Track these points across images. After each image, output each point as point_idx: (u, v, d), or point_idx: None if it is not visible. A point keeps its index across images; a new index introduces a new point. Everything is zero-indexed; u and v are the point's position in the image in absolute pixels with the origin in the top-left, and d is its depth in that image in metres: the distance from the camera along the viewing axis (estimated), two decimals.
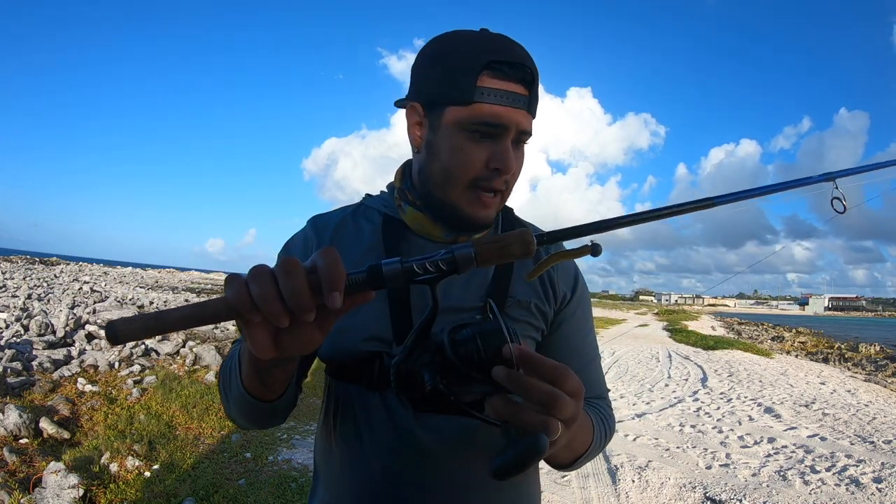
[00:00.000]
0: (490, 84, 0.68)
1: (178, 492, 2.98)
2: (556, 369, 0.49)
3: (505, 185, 0.73)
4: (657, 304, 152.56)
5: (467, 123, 0.69)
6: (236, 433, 4.00)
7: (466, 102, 0.68)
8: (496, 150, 0.70)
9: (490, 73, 0.68)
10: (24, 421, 3.49)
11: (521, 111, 0.70)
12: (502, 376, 0.48)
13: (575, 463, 0.73)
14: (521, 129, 0.71)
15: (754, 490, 3.54)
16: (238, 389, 0.64)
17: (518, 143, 0.73)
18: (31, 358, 5.24)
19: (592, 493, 3.44)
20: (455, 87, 0.69)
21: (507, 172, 0.71)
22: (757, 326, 31.30)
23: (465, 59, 0.68)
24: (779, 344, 18.17)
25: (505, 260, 0.51)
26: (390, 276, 0.50)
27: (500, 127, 0.69)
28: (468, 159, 0.70)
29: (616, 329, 20.96)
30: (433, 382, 0.49)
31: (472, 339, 0.50)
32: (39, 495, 2.71)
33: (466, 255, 0.50)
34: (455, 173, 0.71)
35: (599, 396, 0.84)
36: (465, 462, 0.72)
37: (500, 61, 0.68)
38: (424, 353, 0.52)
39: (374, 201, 0.83)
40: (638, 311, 54.09)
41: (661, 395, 6.88)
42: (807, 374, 9.48)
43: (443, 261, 0.50)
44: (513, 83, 0.69)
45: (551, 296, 0.80)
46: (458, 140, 0.70)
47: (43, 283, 16.89)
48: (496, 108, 0.68)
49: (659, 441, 4.62)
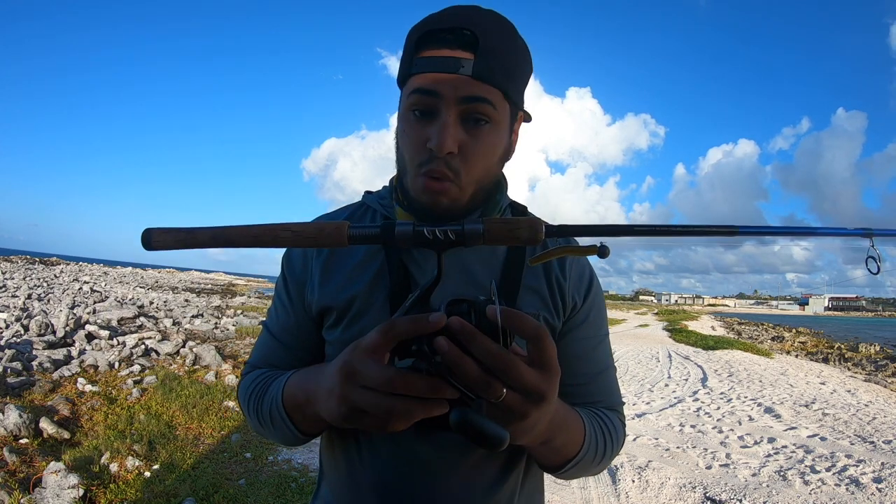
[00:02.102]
0: (424, 54, 0.62)
1: (178, 492, 2.98)
2: (538, 330, 0.47)
3: (451, 170, 0.63)
4: (657, 304, 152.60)
5: (406, 101, 0.64)
6: (236, 433, 4.00)
7: (406, 79, 0.64)
8: (432, 128, 0.62)
9: (427, 44, 0.62)
10: (24, 421, 3.49)
11: (457, 76, 0.61)
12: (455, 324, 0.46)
13: (564, 468, 0.69)
14: (460, 96, 0.61)
15: (754, 490, 3.54)
16: (291, 432, 0.68)
17: (474, 122, 0.63)
18: (31, 358, 5.24)
19: (592, 493, 3.44)
20: (401, 68, 0.66)
21: (439, 152, 0.61)
22: (757, 326, 31.31)
23: (409, 39, 0.65)
24: (779, 344, 18.18)
25: (512, 242, 0.53)
26: (401, 235, 0.54)
27: (432, 94, 0.61)
28: (409, 140, 0.65)
29: (616, 329, 20.95)
30: (419, 345, 0.49)
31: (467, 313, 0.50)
32: (39, 495, 2.71)
33: (475, 229, 0.53)
34: (406, 159, 0.67)
35: (610, 408, 0.78)
36: (464, 475, 0.70)
37: (435, 29, 0.62)
38: None
39: (373, 200, 0.80)
40: (638, 311, 54.08)
41: (661, 395, 6.88)
42: (807, 374, 9.48)
43: (452, 230, 0.53)
44: (445, 49, 0.61)
45: (560, 308, 0.76)
46: (404, 122, 0.66)
47: (43, 283, 16.90)
48: (425, 77, 0.62)
49: (659, 441, 4.62)
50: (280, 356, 0.79)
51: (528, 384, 0.47)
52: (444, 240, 0.53)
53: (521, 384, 0.47)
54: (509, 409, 0.48)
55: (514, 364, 0.46)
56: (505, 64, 0.63)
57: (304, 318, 0.77)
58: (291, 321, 0.78)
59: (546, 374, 0.48)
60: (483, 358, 0.46)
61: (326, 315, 0.75)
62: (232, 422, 4.23)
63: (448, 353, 0.46)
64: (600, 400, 0.77)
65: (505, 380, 0.46)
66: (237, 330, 9.03)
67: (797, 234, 0.60)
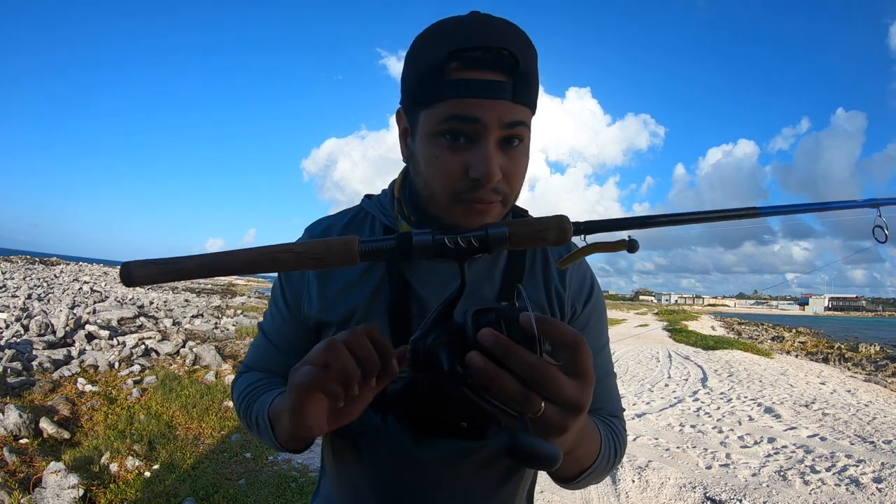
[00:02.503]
0: (457, 76, 0.58)
1: (178, 492, 2.98)
2: (576, 339, 0.43)
3: (500, 195, 0.62)
4: (657, 304, 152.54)
5: (438, 125, 0.59)
6: (236, 433, 4.00)
7: (434, 101, 0.59)
8: (474, 156, 0.59)
9: (458, 63, 0.57)
10: (24, 421, 3.49)
11: (499, 101, 0.58)
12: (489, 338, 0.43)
13: (578, 479, 0.66)
14: (504, 122, 0.58)
15: (754, 490, 3.54)
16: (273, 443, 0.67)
17: (508, 142, 0.61)
18: (31, 358, 5.24)
19: (592, 494, 3.44)
20: (423, 86, 0.60)
21: (489, 181, 0.59)
22: (757, 326, 31.30)
23: (431, 54, 0.59)
24: (779, 344, 18.18)
25: (538, 244, 0.50)
26: (419, 246, 0.50)
27: (473, 121, 0.58)
28: (444, 170, 0.60)
29: (616, 329, 20.95)
30: (451, 364, 0.45)
31: (496, 323, 0.45)
32: (39, 495, 2.71)
33: (500, 234, 0.49)
34: (435, 187, 0.62)
35: (612, 414, 0.77)
36: (463, 480, 0.69)
37: (467, 48, 0.57)
38: (444, 333, 0.49)
39: (373, 206, 0.77)
40: (638, 311, 54.09)
41: (661, 394, 6.88)
42: (807, 374, 9.48)
43: (475, 237, 0.49)
44: (485, 71, 0.57)
45: (558, 317, 0.74)
46: (433, 148, 0.61)
47: (43, 283, 16.89)
48: (464, 101, 0.57)
49: (659, 441, 4.62)
50: (275, 360, 0.78)
51: (568, 396, 0.43)
52: (467, 248, 0.49)
53: (560, 396, 0.43)
54: (547, 424, 0.44)
55: (554, 376, 0.43)
56: (535, 82, 0.62)
57: (301, 327, 0.77)
58: (286, 327, 0.78)
59: (584, 384, 0.44)
60: (521, 371, 0.42)
61: (324, 329, 0.74)
62: (232, 422, 4.23)
63: (484, 371, 0.42)
64: (602, 407, 0.76)
65: (544, 393, 0.43)
66: (237, 330, 9.03)
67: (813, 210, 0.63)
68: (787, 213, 0.61)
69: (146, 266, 0.47)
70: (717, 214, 0.57)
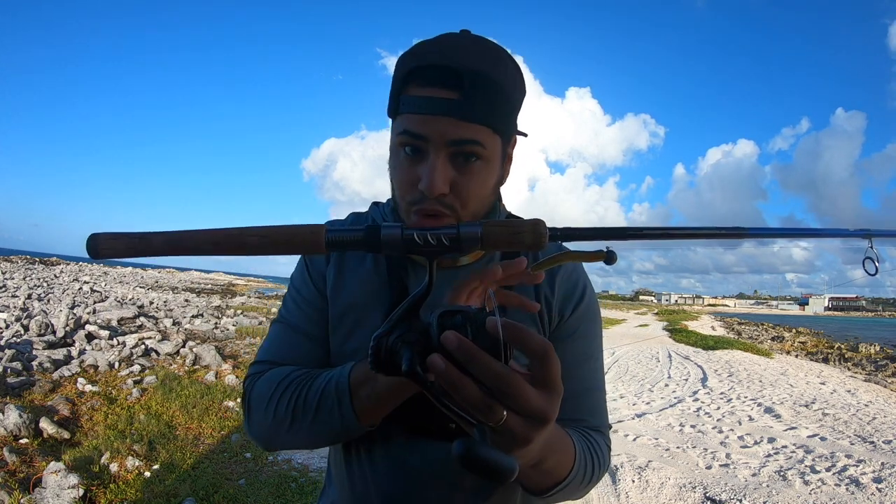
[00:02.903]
0: (410, 92, 0.61)
1: (178, 492, 2.98)
2: (544, 347, 0.41)
3: (447, 210, 0.62)
4: (657, 304, 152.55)
5: (396, 138, 0.63)
6: (236, 433, 4.00)
7: (395, 116, 0.63)
8: (422, 168, 0.61)
9: (415, 81, 0.61)
10: (24, 421, 3.49)
11: (444, 118, 0.59)
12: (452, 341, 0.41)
13: (551, 492, 0.62)
14: (448, 139, 0.60)
15: (754, 490, 3.54)
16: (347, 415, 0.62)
17: (465, 158, 0.61)
18: (31, 358, 5.24)
19: (592, 493, 3.44)
20: (390, 101, 0.64)
21: (431, 194, 0.60)
22: (757, 326, 31.30)
23: (398, 70, 0.63)
24: (779, 344, 18.17)
25: (513, 247, 0.49)
26: (387, 240, 0.49)
27: (419, 137, 0.60)
28: (400, 179, 0.64)
29: (616, 329, 20.96)
30: (410, 365, 0.43)
31: (462, 326, 0.44)
32: (39, 495, 2.71)
33: (472, 233, 0.48)
34: (398, 195, 0.66)
35: (595, 429, 0.74)
36: (454, 482, 0.70)
37: (422, 66, 0.60)
38: (409, 331, 0.47)
39: (377, 214, 0.78)
40: (638, 311, 54.10)
41: (661, 394, 6.88)
42: (807, 374, 9.48)
43: (446, 235, 0.48)
44: (435, 88, 0.59)
45: (546, 322, 0.74)
46: (395, 158, 0.65)
47: (43, 283, 16.89)
48: (412, 118, 0.60)
49: (659, 441, 4.62)
50: (306, 349, 0.74)
51: (534, 407, 0.42)
52: (436, 245, 0.48)
53: (525, 407, 0.42)
54: (510, 434, 0.43)
55: (519, 385, 0.41)
56: (492, 99, 0.61)
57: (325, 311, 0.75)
58: (313, 311, 0.75)
59: (550, 395, 0.43)
60: (485, 379, 0.41)
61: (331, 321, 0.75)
62: (232, 422, 4.23)
63: (445, 374, 0.40)
64: (584, 419, 0.73)
65: (508, 402, 0.41)
66: (237, 330, 9.03)
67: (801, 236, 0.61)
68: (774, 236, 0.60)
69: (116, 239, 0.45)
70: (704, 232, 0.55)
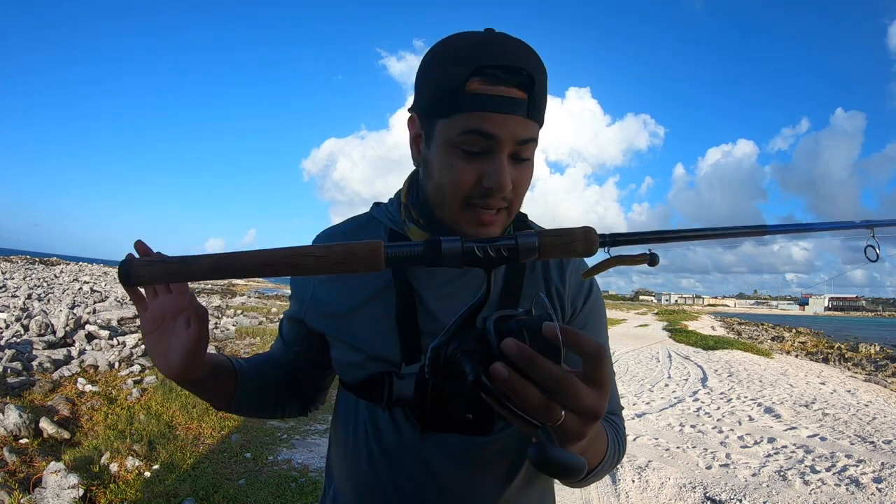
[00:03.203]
0: (478, 90, 0.61)
1: (178, 492, 2.99)
2: (598, 349, 0.45)
3: (506, 202, 0.65)
4: (657, 304, 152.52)
5: (455, 136, 0.62)
6: (236, 433, 4.00)
7: (453, 113, 0.62)
8: (488, 167, 0.62)
9: (479, 79, 0.60)
10: (24, 421, 3.49)
11: (516, 118, 0.61)
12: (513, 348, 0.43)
13: (586, 478, 0.66)
14: (517, 139, 0.62)
15: (754, 490, 3.54)
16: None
17: (520, 157, 0.64)
18: (31, 358, 5.24)
19: (592, 494, 3.44)
20: (443, 97, 0.62)
21: (500, 192, 0.63)
22: (757, 326, 31.30)
23: (453, 66, 0.62)
24: (779, 344, 18.17)
25: (566, 255, 0.51)
26: (448, 253, 0.50)
27: (491, 136, 0.61)
28: (458, 178, 0.63)
29: (616, 329, 20.95)
30: (475, 375, 0.44)
31: (518, 332, 0.45)
32: (39, 495, 2.72)
33: (530, 243, 0.49)
34: (447, 192, 0.65)
35: (612, 412, 0.79)
36: (470, 479, 0.70)
37: (490, 66, 0.60)
38: (466, 341, 0.48)
39: (381, 213, 0.79)
40: (638, 311, 54.09)
41: (661, 394, 6.88)
42: (807, 374, 9.48)
43: (505, 246, 0.49)
44: (505, 87, 0.61)
45: (559, 316, 0.76)
46: (448, 156, 0.64)
47: (43, 283, 16.90)
48: (485, 115, 0.60)
49: (659, 441, 4.62)
50: (277, 346, 0.87)
51: (588, 405, 0.44)
52: (496, 257, 0.49)
53: (581, 406, 0.44)
54: (566, 432, 0.45)
55: (577, 387, 0.44)
56: (545, 100, 0.65)
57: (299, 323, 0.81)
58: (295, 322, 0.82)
59: (602, 393, 0.45)
60: (545, 382, 0.43)
61: (329, 318, 0.75)
62: (232, 422, 4.23)
63: (508, 382, 0.42)
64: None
65: (565, 402, 0.44)
66: (237, 330, 9.03)
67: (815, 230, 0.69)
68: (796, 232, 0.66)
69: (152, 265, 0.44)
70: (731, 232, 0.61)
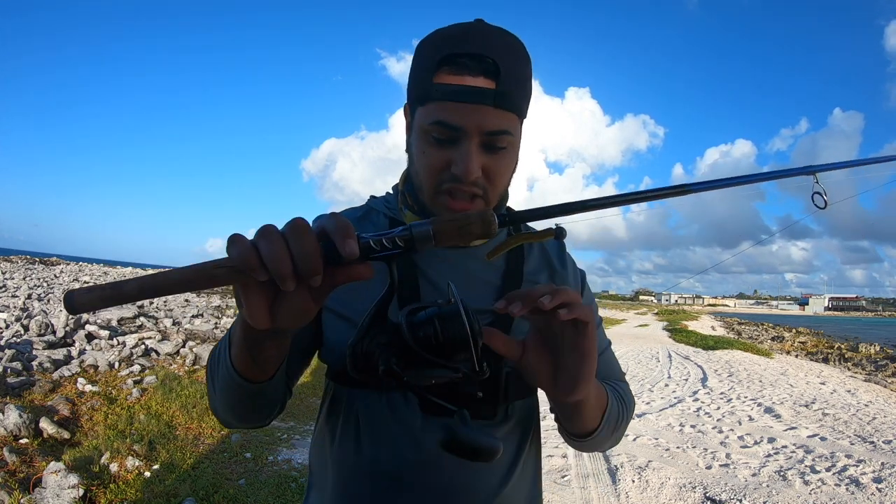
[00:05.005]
0: (445, 80, 0.62)
1: (178, 492, 2.99)
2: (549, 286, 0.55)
3: (480, 190, 0.66)
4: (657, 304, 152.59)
5: (427, 125, 0.64)
6: (236, 433, 4.00)
7: (426, 101, 0.64)
8: (456, 153, 0.63)
9: (448, 68, 0.62)
10: (24, 421, 3.49)
11: (483, 108, 0.62)
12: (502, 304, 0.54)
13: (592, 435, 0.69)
14: (485, 130, 0.63)
15: (754, 490, 3.54)
16: (226, 369, 0.60)
17: (492, 145, 0.64)
18: (31, 358, 5.24)
19: (592, 494, 3.44)
20: (418, 86, 0.65)
21: (465, 179, 0.63)
22: (757, 326, 31.30)
23: (426, 56, 0.64)
24: (779, 344, 18.17)
25: (465, 240, 0.50)
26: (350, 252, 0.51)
27: (455, 128, 0.62)
28: (428, 163, 0.66)
29: (616, 329, 20.95)
30: (386, 364, 0.47)
31: (429, 321, 0.48)
32: (39, 495, 2.71)
33: (424, 232, 0.49)
34: (422, 178, 0.68)
35: (618, 380, 0.83)
36: (467, 466, 0.69)
37: (457, 54, 0.62)
38: (381, 334, 0.51)
39: (379, 203, 0.81)
40: (638, 311, 54.10)
41: (661, 394, 6.88)
42: (807, 374, 9.47)
43: (399, 237, 0.49)
44: (472, 76, 0.61)
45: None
46: (422, 143, 0.66)
47: (43, 283, 16.89)
48: (449, 106, 0.62)
49: (659, 441, 4.62)
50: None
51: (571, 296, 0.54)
52: (392, 249, 0.49)
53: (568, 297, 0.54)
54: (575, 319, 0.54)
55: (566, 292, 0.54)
56: (520, 88, 0.64)
57: None
58: None
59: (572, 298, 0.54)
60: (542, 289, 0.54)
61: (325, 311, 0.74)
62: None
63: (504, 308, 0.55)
64: (606, 377, 0.80)
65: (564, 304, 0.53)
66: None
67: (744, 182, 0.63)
68: (718, 187, 0.61)
69: (91, 292, 0.44)
70: (645, 195, 0.57)
